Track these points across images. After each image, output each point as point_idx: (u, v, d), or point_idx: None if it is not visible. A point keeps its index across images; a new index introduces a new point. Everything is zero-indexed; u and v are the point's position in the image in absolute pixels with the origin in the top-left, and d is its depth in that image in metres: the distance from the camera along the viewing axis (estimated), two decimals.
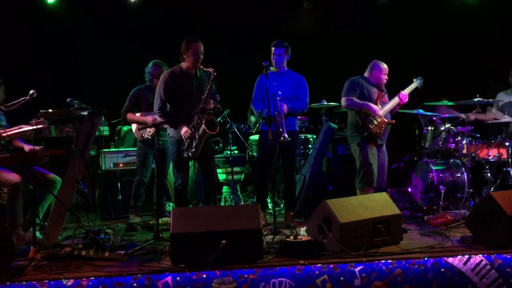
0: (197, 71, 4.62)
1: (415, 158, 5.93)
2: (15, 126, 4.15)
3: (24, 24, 6.60)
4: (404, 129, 5.83)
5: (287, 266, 3.38)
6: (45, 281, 3.22)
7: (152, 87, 5.25)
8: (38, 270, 3.45)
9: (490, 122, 5.76)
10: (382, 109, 5.03)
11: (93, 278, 3.25)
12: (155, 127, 4.57)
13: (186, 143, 4.50)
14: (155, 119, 4.96)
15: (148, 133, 5.15)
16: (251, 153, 6.06)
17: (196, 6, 7.05)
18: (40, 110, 4.06)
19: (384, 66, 5.14)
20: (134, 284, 3.23)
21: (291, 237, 3.79)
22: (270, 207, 5.23)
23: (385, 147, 5.19)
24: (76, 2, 6.83)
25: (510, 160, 5.37)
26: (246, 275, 3.30)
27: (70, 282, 3.22)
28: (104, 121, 5.90)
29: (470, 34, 7.19)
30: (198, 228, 3.51)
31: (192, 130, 4.46)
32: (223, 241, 3.39)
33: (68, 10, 6.80)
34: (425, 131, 5.72)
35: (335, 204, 3.83)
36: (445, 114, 5.55)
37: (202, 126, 4.39)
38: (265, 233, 4.14)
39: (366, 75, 5.19)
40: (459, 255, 3.49)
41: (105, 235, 4.25)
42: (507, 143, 5.39)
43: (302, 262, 3.43)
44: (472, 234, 3.99)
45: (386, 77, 5.15)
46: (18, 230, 4.13)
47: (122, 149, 5.97)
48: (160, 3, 7.04)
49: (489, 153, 5.47)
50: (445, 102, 5.60)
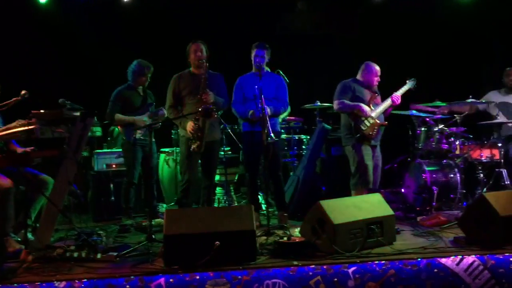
0: (204, 72, 4.63)
1: (408, 159, 5.95)
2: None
3: (16, 24, 6.55)
4: (397, 130, 5.85)
5: (281, 267, 3.37)
6: (37, 283, 3.19)
7: (134, 87, 5.23)
8: (30, 272, 3.42)
9: (483, 123, 5.78)
10: (375, 111, 5.03)
11: (86, 280, 3.22)
12: (148, 128, 4.57)
13: (192, 137, 4.60)
14: (144, 122, 5.01)
15: (139, 134, 5.12)
16: None
17: (190, 8, 7.04)
18: (32, 111, 4.03)
19: (376, 68, 5.13)
20: (127, 286, 3.21)
21: (285, 238, 3.80)
22: (264, 208, 5.22)
23: (379, 148, 5.20)
24: (68, 2, 6.80)
25: (503, 161, 5.40)
26: (240, 277, 3.29)
27: (62, 284, 3.19)
28: (97, 122, 5.88)
29: (464, 35, 7.22)
30: (192, 229, 3.50)
31: (195, 123, 4.55)
32: (217, 242, 3.38)
33: (60, 10, 6.77)
34: (418, 132, 5.74)
35: (329, 205, 3.84)
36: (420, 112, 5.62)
37: (200, 118, 4.51)
38: (259, 234, 4.14)
39: (358, 77, 5.19)
40: (452, 256, 3.50)
41: (98, 237, 4.24)
42: (500, 144, 5.42)
43: (296, 263, 3.42)
44: (465, 235, 4.00)
45: (378, 79, 5.16)
46: (8, 237, 4.07)
47: (115, 150, 5.93)
48: (154, 4, 7.02)
49: (482, 154, 5.49)
50: (439, 103, 5.63)
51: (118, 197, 5.46)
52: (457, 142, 5.52)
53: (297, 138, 6.13)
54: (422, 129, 5.68)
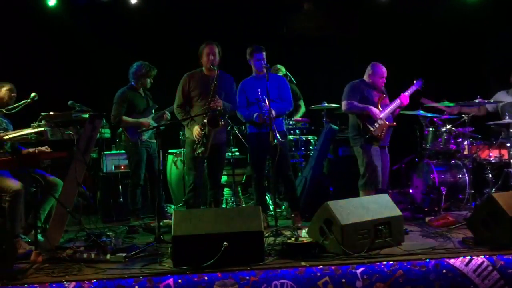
0: (214, 76, 4.61)
1: (416, 159, 5.93)
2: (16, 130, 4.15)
3: (25, 27, 6.60)
4: (405, 130, 5.83)
5: (289, 268, 3.37)
6: (47, 284, 3.22)
7: (137, 88, 5.24)
8: (40, 273, 3.45)
9: (492, 123, 5.75)
10: (383, 112, 5.02)
11: (95, 281, 3.24)
12: (157, 130, 4.59)
13: (197, 142, 4.57)
14: (150, 125, 5.06)
15: (146, 136, 5.15)
16: None
17: (196, 9, 7.06)
18: (42, 113, 4.07)
19: (381, 69, 5.10)
20: (136, 287, 3.23)
21: (293, 239, 3.80)
22: (272, 209, 5.23)
23: (387, 149, 5.19)
24: (78, 5, 6.84)
25: (511, 161, 5.36)
26: (248, 277, 3.30)
27: (72, 285, 3.22)
28: (105, 124, 5.91)
29: (471, 35, 7.19)
30: (200, 230, 3.51)
31: (201, 129, 4.54)
32: (225, 243, 3.40)
33: (70, 13, 6.82)
34: (426, 132, 5.72)
35: (336, 206, 3.84)
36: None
37: (206, 125, 4.48)
38: (267, 235, 4.15)
39: (365, 78, 5.18)
40: (461, 257, 3.49)
41: (107, 238, 4.26)
42: (508, 144, 5.39)
43: (304, 264, 3.43)
44: (474, 235, 3.99)
45: (384, 80, 5.14)
46: (18, 239, 4.11)
47: (123, 152, 5.95)
48: (160, 5, 7.05)
49: (490, 154, 5.46)
50: (446, 103, 5.61)
51: (127, 199, 5.48)
52: (465, 142, 5.50)
53: (304, 139, 6.13)
54: (430, 129, 5.66)
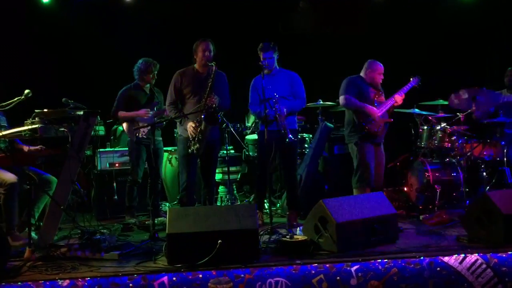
0: (210, 72, 4.60)
1: (411, 158, 5.94)
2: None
3: (19, 23, 6.57)
4: (400, 129, 5.84)
5: (284, 266, 3.38)
6: (41, 282, 3.21)
7: (141, 86, 5.24)
8: (34, 271, 3.44)
9: (486, 121, 5.77)
10: (379, 109, 5.03)
11: (89, 279, 3.24)
12: (151, 127, 4.57)
13: (191, 139, 4.53)
14: (147, 113, 5.06)
15: (143, 133, 5.14)
16: (247, 153, 6.06)
17: (191, 7, 7.04)
18: (35, 110, 4.05)
19: (380, 66, 5.14)
20: (130, 284, 3.22)
21: (288, 237, 3.80)
22: (267, 207, 5.23)
23: (383, 147, 5.20)
24: (71, 1, 6.80)
25: (506, 159, 5.39)
26: (243, 275, 3.30)
27: (66, 283, 3.21)
28: (100, 121, 5.88)
29: (467, 34, 7.20)
30: (194, 228, 3.51)
31: (196, 125, 4.50)
32: (219, 241, 3.39)
33: (63, 10, 6.78)
34: (421, 130, 5.73)
35: (331, 204, 3.84)
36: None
37: (202, 122, 4.44)
38: (262, 233, 4.15)
39: (362, 75, 5.20)
40: (455, 254, 3.50)
41: (101, 235, 4.24)
42: (503, 142, 5.41)
43: (299, 262, 3.43)
44: (468, 233, 4.00)
45: (382, 76, 5.16)
46: (14, 231, 4.11)
47: (118, 149, 5.95)
48: (156, 3, 7.03)
49: (485, 152, 5.48)
50: (441, 102, 5.62)
51: (121, 196, 5.47)
52: (460, 141, 5.51)
53: (300, 137, 6.12)
54: (425, 128, 5.67)
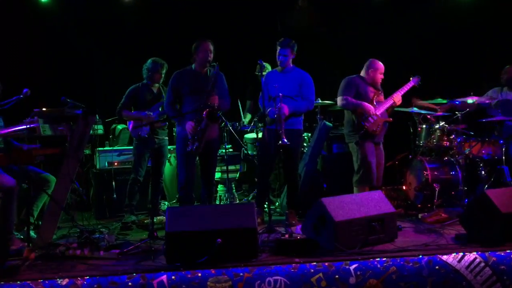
0: (208, 71, 4.59)
1: (410, 156, 5.95)
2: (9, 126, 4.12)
3: (18, 22, 6.56)
4: (399, 127, 5.84)
5: (282, 265, 3.38)
6: (40, 281, 3.21)
7: (149, 85, 5.25)
8: (33, 270, 3.44)
9: (485, 120, 5.77)
10: (378, 108, 5.03)
11: (88, 277, 3.24)
12: (151, 126, 4.58)
13: (191, 138, 4.52)
14: (150, 116, 5.01)
15: (145, 132, 5.14)
16: (246, 152, 6.06)
17: (190, 6, 7.04)
18: (34, 109, 4.05)
19: (380, 65, 5.13)
20: (129, 283, 3.22)
21: (286, 236, 3.80)
22: (266, 206, 5.22)
23: (382, 146, 5.20)
24: (70, 0, 6.80)
25: (504, 158, 5.39)
26: (241, 274, 3.30)
27: (65, 282, 3.21)
28: (98, 120, 5.88)
29: (464, 32, 7.21)
30: (193, 227, 3.51)
31: (196, 124, 4.48)
32: (218, 240, 3.40)
33: (62, 8, 6.77)
34: (420, 129, 5.73)
35: (330, 202, 3.84)
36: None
37: (204, 119, 4.41)
38: (260, 232, 4.15)
39: (362, 74, 5.20)
40: (454, 253, 3.51)
41: (100, 234, 4.25)
42: (501, 141, 5.42)
43: (297, 261, 3.43)
44: (467, 232, 4.01)
45: (382, 76, 5.16)
46: (12, 235, 4.08)
47: (117, 148, 5.94)
48: (154, 3, 7.02)
49: (483, 151, 5.48)
50: (439, 100, 5.62)
51: (120, 195, 5.47)
52: (459, 139, 5.52)
53: None
54: (423, 126, 5.67)
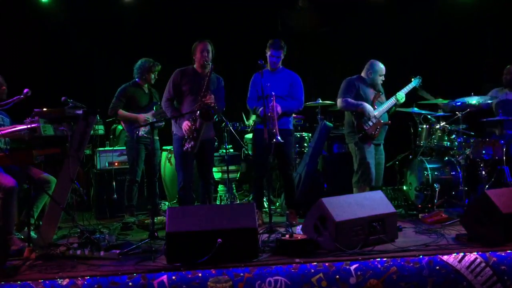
0: (207, 72, 4.59)
1: (410, 156, 5.95)
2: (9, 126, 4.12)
3: (18, 22, 6.57)
4: (399, 127, 5.85)
5: (283, 265, 3.38)
6: (40, 281, 3.21)
7: (141, 84, 5.25)
8: (33, 270, 3.44)
9: (486, 120, 5.77)
10: (378, 110, 5.03)
11: (88, 278, 3.24)
12: (150, 126, 4.58)
13: (186, 137, 4.52)
14: (146, 120, 5.06)
15: (144, 131, 5.14)
16: (247, 152, 6.06)
17: (190, 6, 7.04)
18: (35, 109, 4.05)
19: (381, 66, 5.12)
20: (130, 283, 3.22)
21: (287, 236, 3.80)
22: (266, 206, 5.23)
23: (382, 147, 5.20)
24: (71, 1, 6.81)
25: (505, 158, 5.39)
26: (242, 274, 3.30)
27: (65, 282, 3.21)
28: (99, 120, 5.90)
29: (466, 32, 7.21)
30: (194, 227, 3.51)
31: (192, 123, 4.49)
32: (219, 240, 3.40)
33: (62, 8, 6.78)
34: (420, 129, 5.73)
35: (331, 203, 3.84)
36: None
37: (198, 118, 4.43)
38: (261, 232, 4.15)
39: (363, 75, 5.19)
40: (454, 253, 3.51)
41: (100, 234, 4.25)
42: (502, 141, 5.41)
43: (298, 261, 3.43)
44: (467, 232, 4.00)
45: (383, 77, 5.15)
46: (12, 236, 4.09)
47: (117, 148, 5.96)
48: (154, 3, 7.03)
49: (484, 151, 5.48)
50: (440, 101, 5.62)
51: (121, 195, 5.48)
52: (459, 139, 5.52)
53: (299, 136, 6.13)
54: (424, 127, 5.67)
